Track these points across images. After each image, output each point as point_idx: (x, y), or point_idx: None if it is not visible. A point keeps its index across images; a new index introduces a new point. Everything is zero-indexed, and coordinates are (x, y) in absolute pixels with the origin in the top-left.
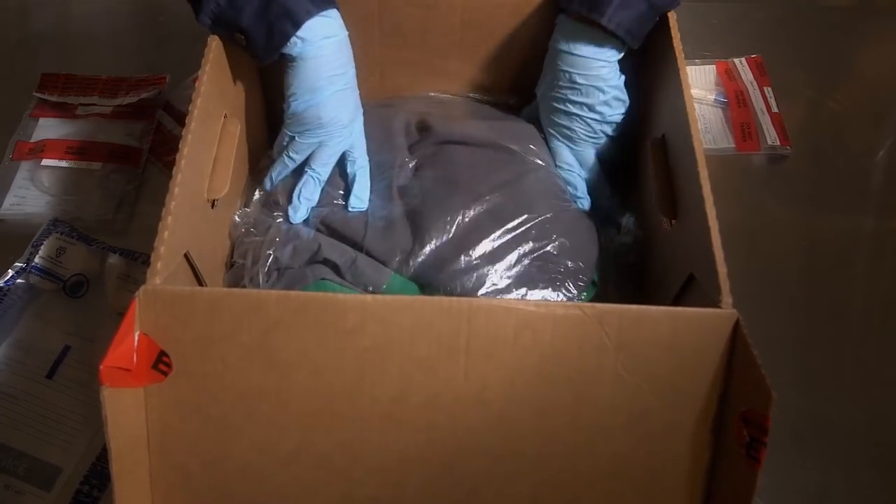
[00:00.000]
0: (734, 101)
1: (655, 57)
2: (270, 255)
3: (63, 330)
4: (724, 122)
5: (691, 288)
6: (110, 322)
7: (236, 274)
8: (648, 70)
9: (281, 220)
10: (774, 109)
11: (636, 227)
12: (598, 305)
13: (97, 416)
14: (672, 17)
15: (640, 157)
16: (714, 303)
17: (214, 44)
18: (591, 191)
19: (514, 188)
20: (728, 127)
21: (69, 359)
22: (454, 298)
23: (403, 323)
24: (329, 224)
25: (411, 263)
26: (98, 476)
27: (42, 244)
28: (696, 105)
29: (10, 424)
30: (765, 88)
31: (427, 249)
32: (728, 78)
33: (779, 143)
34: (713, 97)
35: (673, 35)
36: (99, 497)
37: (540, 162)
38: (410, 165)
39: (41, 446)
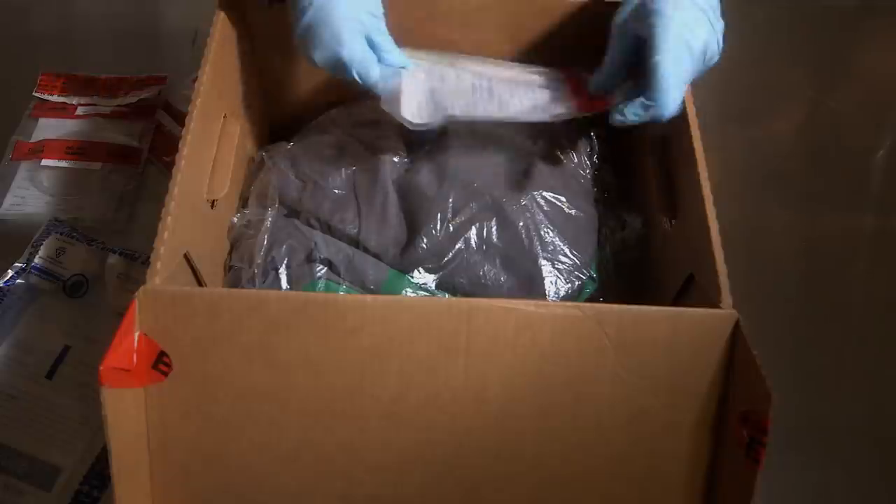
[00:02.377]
0: None
1: None
2: (266, 255)
3: (63, 330)
4: None
5: (691, 288)
6: (110, 322)
7: (235, 276)
8: None
9: (274, 217)
10: None
11: (641, 227)
12: (598, 306)
13: (97, 416)
14: None
15: (641, 157)
16: (714, 303)
17: (214, 44)
18: None
19: (511, 179)
20: None
21: (69, 359)
22: (454, 298)
23: (403, 323)
24: (323, 219)
25: (407, 257)
26: (98, 476)
27: (42, 244)
28: None
29: (10, 424)
30: None
31: (422, 243)
32: None
33: None
34: None
35: None
36: (99, 497)
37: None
38: (406, 158)
39: (41, 446)
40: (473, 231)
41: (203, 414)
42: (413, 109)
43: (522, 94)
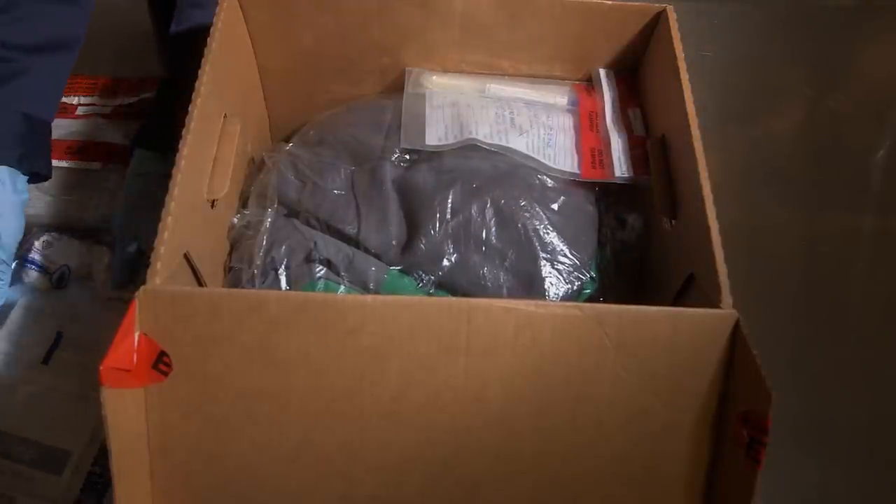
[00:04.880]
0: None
1: (655, 57)
2: (266, 255)
3: (54, 319)
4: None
5: (691, 288)
6: (100, 308)
7: (235, 277)
8: (648, 70)
9: (273, 217)
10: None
11: (641, 227)
12: (598, 305)
13: (94, 397)
14: (672, 17)
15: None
16: (714, 303)
17: (215, 44)
18: None
19: (511, 179)
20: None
21: (63, 343)
22: (454, 298)
23: (403, 322)
24: (322, 219)
25: (406, 256)
26: (107, 456)
27: (32, 241)
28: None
29: (12, 414)
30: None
31: (421, 242)
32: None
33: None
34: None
35: (673, 35)
36: (110, 480)
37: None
38: (406, 157)
39: (46, 431)
40: (473, 231)
41: (203, 414)
42: (439, 134)
43: (539, 132)
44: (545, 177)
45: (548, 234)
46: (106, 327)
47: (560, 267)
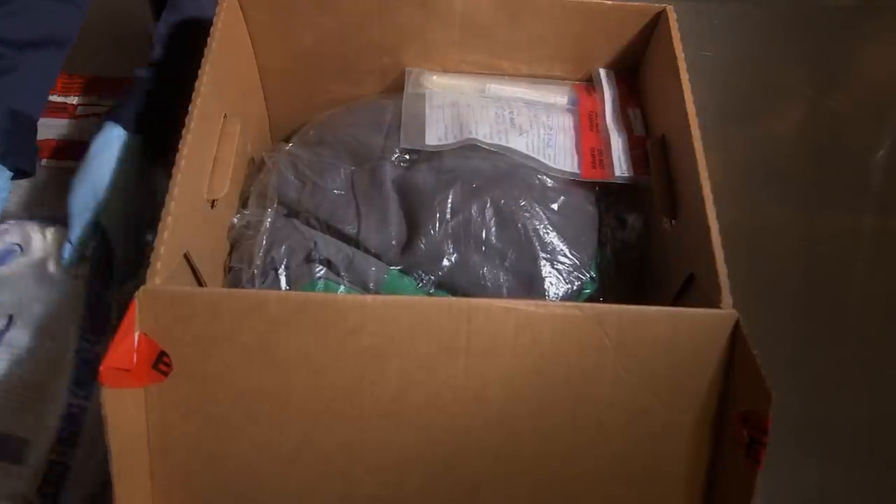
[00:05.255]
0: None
1: (655, 57)
2: (266, 255)
3: (4, 303)
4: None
5: (691, 288)
6: (52, 289)
7: (235, 277)
8: (648, 70)
9: (273, 217)
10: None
11: (641, 227)
12: (598, 305)
13: (47, 381)
14: (672, 17)
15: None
16: (714, 303)
17: (215, 44)
18: None
19: (511, 179)
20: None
21: (13, 327)
22: (454, 298)
23: (403, 322)
24: (322, 219)
25: (406, 256)
26: (66, 442)
27: None
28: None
29: None
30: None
31: (421, 242)
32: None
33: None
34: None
35: (673, 35)
36: (69, 466)
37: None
38: (406, 157)
39: (2, 421)
40: (473, 231)
41: (203, 414)
42: (439, 134)
43: (539, 132)
44: (545, 177)
45: (548, 234)
46: (58, 309)
47: (560, 267)
